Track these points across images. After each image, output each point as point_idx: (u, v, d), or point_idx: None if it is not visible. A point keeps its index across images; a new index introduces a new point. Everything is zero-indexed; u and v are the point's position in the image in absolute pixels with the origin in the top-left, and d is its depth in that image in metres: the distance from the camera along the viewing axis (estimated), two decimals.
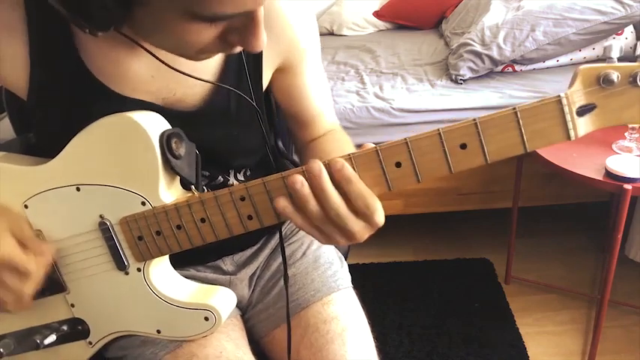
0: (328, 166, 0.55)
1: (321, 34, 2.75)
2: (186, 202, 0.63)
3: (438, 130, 0.53)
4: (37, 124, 0.69)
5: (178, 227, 0.64)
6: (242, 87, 0.72)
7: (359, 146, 0.58)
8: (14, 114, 0.78)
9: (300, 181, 0.55)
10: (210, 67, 0.71)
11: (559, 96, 0.50)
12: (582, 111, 0.51)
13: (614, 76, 0.49)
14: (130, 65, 0.67)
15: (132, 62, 0.67)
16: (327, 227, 0.57)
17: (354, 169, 0.55)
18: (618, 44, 1.09)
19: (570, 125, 0.51)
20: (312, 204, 0.55)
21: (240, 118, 0.73)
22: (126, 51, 0.66)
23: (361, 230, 0.57)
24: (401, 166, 0.55)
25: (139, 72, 0.68)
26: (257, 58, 0.73)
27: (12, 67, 0.65)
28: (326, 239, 0.58)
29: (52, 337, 0.71)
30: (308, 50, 0.77)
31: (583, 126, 0.51)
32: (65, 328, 0.72)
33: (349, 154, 0.55)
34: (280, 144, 0.99)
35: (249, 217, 0.61)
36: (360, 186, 0.54)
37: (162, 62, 0.62)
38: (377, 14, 2.83)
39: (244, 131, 0.74)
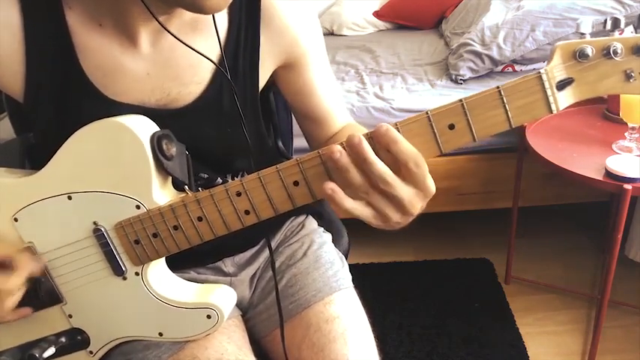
0: (371, 137, 0.54)
1: None
2: (182, 202, 0.62)
3: (427, 112, 0.54)
4: (35, 125, 0.69)
5: (175, 228, 0.64)
6: (237, 83, 0.72)
7: None
8: (14, 114, 0.77)
9: (338, 151, 0.53)
10: (206, 63, 0.70)
11: (539, 72, 0.52)
12: (561, 85, 0.53)
13: (589, 50, 0.52)
14: (127, 62, 0.67)
15: (129, 59, 0.67)
16: (376, 198, 0.54)
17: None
18: (589, 20, 1.08)
19: (552, 99, 0.53)
20: (354, 173, 0.53)
21: (232, 115, 0.73)
22: (124, 47, 0.66)
23: (412, 198, 0.54)
24: None
25: (135, 69, 0.67)
26: (253, 55, 0.73)
27: (8, 66, 0.65)
28: (380, 217, 0.56)
29: (52, 350, 0.70)
30: (310, 48, 0.77)
31: (563, 99, 0.54)
32: (64, 339, 0.72)
33: (342, 143, 0.55)
34: (280, 144, 0.99)
35: (247, 212, 0.61)
36: (407, 145, 0.53)
37: (169, 32, 0.62)
38: (377, 14, 2.83)
39: (237, 129, 0.74)
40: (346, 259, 0.94)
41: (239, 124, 0.71)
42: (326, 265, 0.86)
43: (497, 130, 0.54)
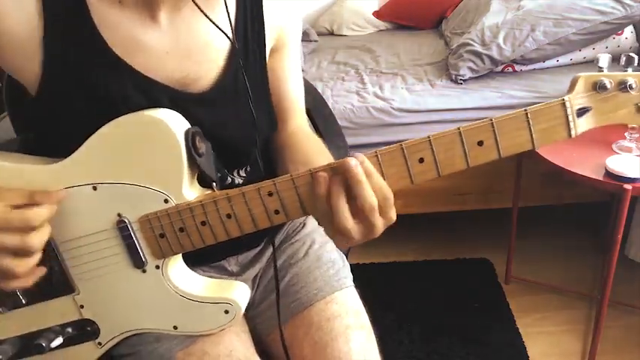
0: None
1: (321, 34, 2.76)
2: (212, 199, 0.63)
3: (459, 129, 0.58)
4: (47, 115, 0.67)
5: (203, 223, 0.65)
6: (249, 63, 0.74)
7: (352, 147, 0.60)
8: (14, 113, 0.77)
9: (355, 160, 0.58)
10: (220, 47, 0.72)
11: (563, 99, 0.58)
12: (581, 112, 0.59)
13: (608, 83, 0.58)
14: (147, 39, 0.67)
15: (149, 36, 0.67)
16: (376, 215, 0.59)
17: (380, 165, 0.59)
18: (606, 57, 1.27)
19: (572, 125, 0.59)
20: (367, 186, 0.58)
21: (249, 97, 0.73)
22: (144, 24, 0.66)
23: (379, 224, 0.60)
24: (423, 162, 0.60)
25: (154, 47, 0.68)
26: (260, 34, 0.75)
27: (25, 48, 0.64)
28: (367, 232, 0.60)
29: (59, 340, 0.70)
30: (293, 37, 0.80)
31: (582, 125, 0.60)
32: (73, 329, 0.71)
33: (375, 151, 0.59)
34: None
35: (276, 212, 0.63)
36: (379, 179, 0.58)
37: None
38: (377, 14, 2.83)
39: (256, 112, 0.74)
40: (347, 258, 0.94)
41: (256, 107, 0.72)
42: (327, 264, 0.86)
43: (521, 149, 0.59)
